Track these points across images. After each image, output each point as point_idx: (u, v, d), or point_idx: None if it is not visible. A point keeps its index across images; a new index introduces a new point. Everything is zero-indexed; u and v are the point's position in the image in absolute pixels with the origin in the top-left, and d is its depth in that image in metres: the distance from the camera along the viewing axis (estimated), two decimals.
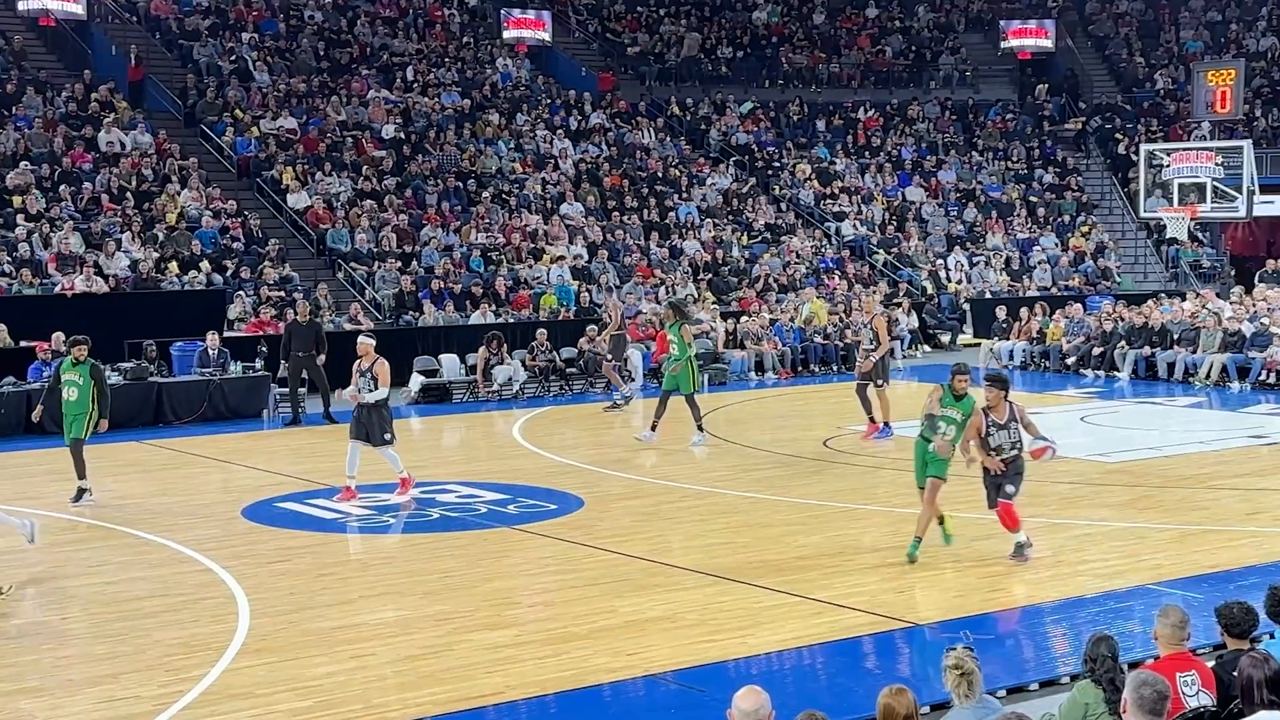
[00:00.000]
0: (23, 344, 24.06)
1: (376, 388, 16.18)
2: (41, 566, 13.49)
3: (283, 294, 28.29)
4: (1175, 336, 27.59)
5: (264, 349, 24.47)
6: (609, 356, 25.19)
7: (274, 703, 9.43)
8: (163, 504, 16.55)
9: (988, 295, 35.27)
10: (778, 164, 39.79)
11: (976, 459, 12.98)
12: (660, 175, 37.35)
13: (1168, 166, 33.63)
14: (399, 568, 13.33)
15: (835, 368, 29.21)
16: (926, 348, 32.81)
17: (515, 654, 10.57)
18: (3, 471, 18.97)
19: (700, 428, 20.18)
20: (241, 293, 27.80)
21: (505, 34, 40.81)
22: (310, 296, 28.38)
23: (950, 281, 35.91)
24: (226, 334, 25.38)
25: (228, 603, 11.96)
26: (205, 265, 28.45)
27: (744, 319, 30.01)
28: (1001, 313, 31.54)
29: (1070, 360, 28.79)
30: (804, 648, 10.78)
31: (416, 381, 25.76)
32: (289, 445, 21.03)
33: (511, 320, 28.95)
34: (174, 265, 28.12)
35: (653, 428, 20.11)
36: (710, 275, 33.33)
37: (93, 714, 9.26)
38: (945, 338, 33.85)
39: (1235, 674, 7.23)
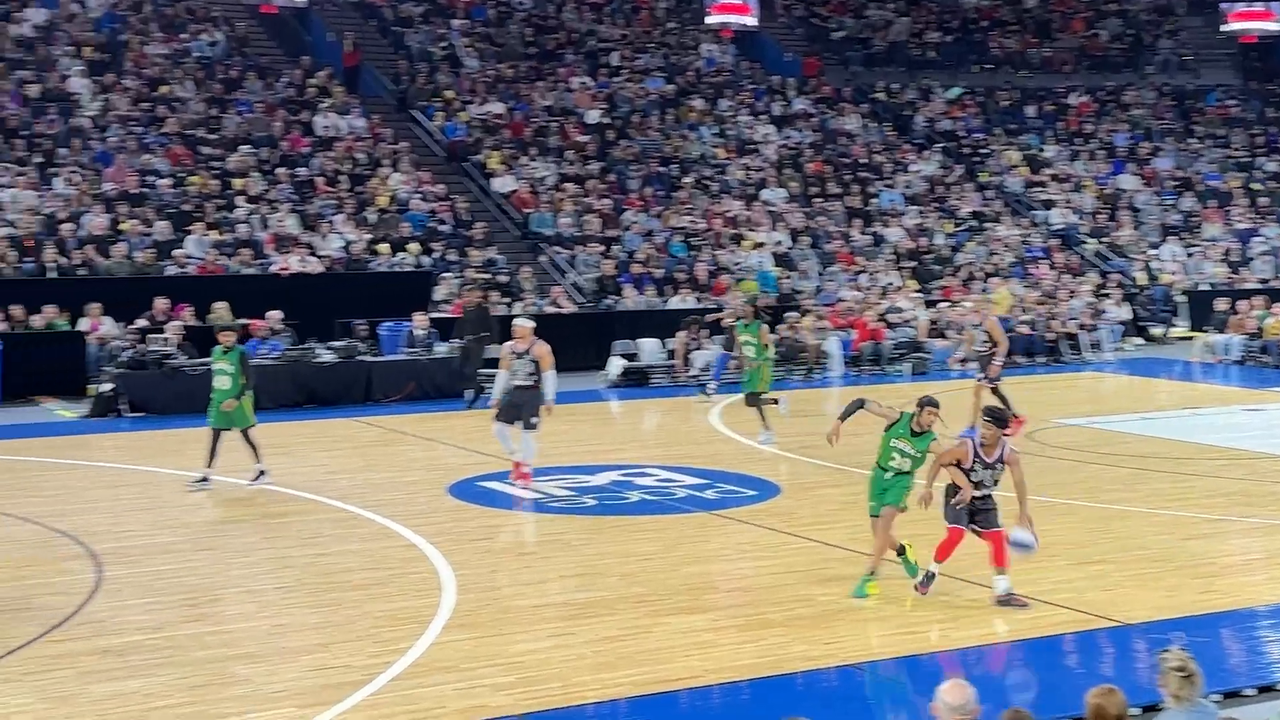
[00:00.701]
0: (240, 321, 24.91)
1: (538, 371, 16.05)
2: (258, 537, 14.00)
3: (488, 276, 28.80)
4: None
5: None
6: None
7: (478, 677, 9.62)
8: (371, 480, 16.98)
9: (1204, 287, 34.08)
10: (984, 150, 39.04)
11: (930, 496, 11.53)
12: (864, 161, 36.97)
13: None
14: (598, 549, 13.46)
15: (1040, 359, 28.59)
16: (1139, 340, 31.85)
17: (712, 639, 10.61)
18: (227, 444, 19.64)
19: (767, 426, 19.39)
20: (448, 274, 28.38)
21: (710, 19, 40.77)
22: (513, 280, 28.87)
23: (1164, 272, 34.79)
24: (433, 315, 25.93)
25: (433, 578, 12.23)
26: (414, 247, 29.12)
27: (942, 306, 29.58)
28: (1218, 305, 30.44)
29: None
30: (1007, 643, 10.59)
31: (616, 365, 25.97)
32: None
33: (712, 306, 28.97)
34: (384, 247, 28.84)
35: (765, 427, 19.39)
36: (913, 263, 32.89)
37: (305, 681, 9.56)
38: (1158, 331, 32.83)
39: None
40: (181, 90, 32.01)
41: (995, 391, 20.21)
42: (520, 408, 16.09)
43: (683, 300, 28.88)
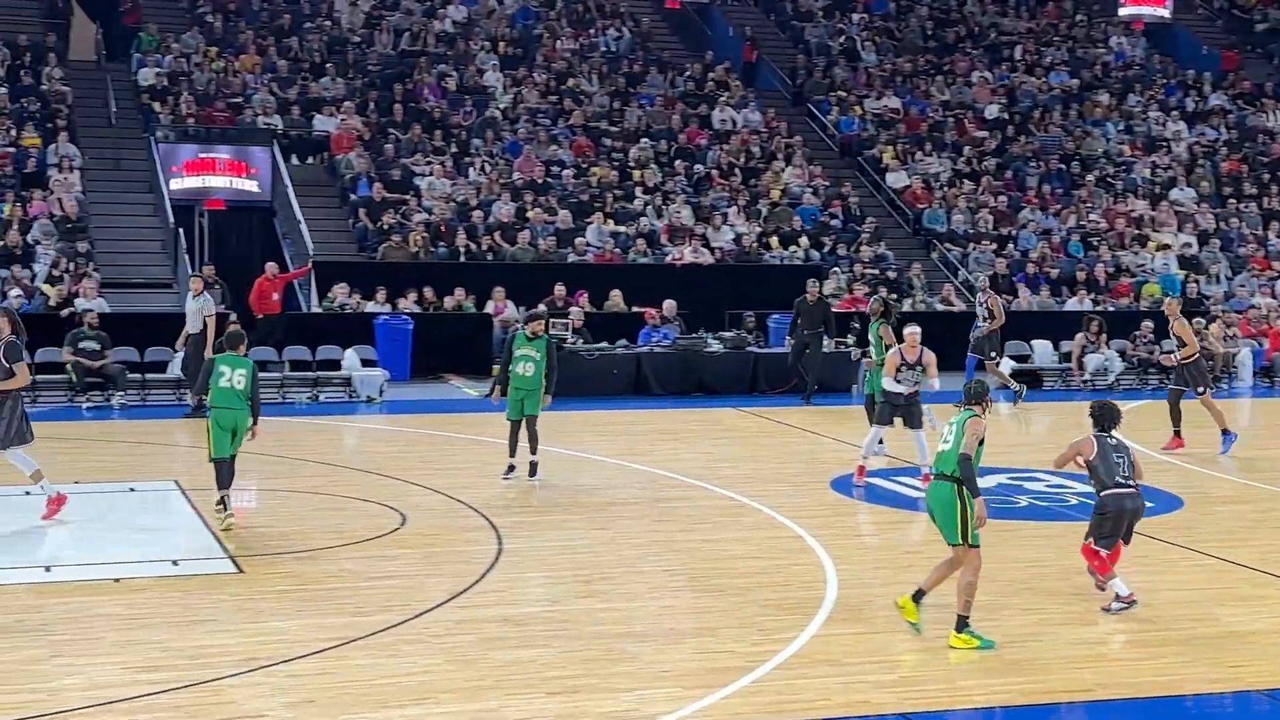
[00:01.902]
0: (634, 309, 25.64)
1: (925, 377, 15.81)
2: (648, 520, 14.34)
3: (876, 272, 28.65)
4: None
5: (856, 325, 24.87)
6: (993, 354, 23.49)
7: (860, 673, 9.58)
8: (755, 469, 17.19)
9: None
10: None
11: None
12: None
13: None
14: (986, 552, 13.04)
15: None
16: None
17: (1106, 652, 10.25)
18: (612, 429, 20.30)
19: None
20: (837, 269, 28.36)
21: (1121, 11, 39.18)
22: (903, 276, 28.59)
23: None
24: None
25: (817, 570, 12.25)
26: (804, 241, 29.25)
27: None
28: None
29: None
30: None
31: (1007, 366, 25.34)
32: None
33: (1110, 309, 27.94)
34: (775, 240, 29.08)
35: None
36: None
37: (691, 663, 9.74)
38: None
39: None
40: (587, 84, 33.14)
41: (1175, 402, 18.80)
42: (904, 413, 15.93)
43: (1079, 302, 27.97)
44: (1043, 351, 26.06)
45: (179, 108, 28.92)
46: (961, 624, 10.16)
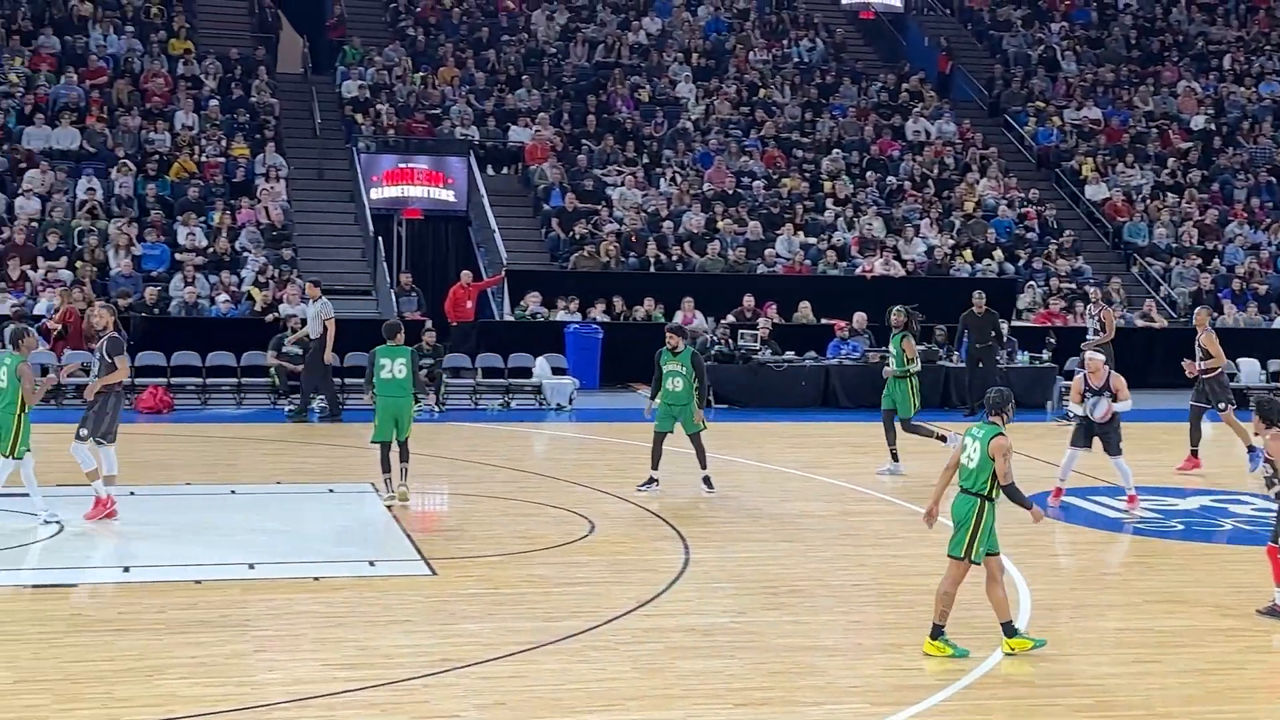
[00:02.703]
0: (823, 321, 25.48)
1: (1116, 402, 15.39)
2: (836, 533, 14.26)
3: (1073, 286, 28.02)
4: None
5: (1052, 340, 24.36)
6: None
7: (1054, 696, 9.37)
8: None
9: None
10: None
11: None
12: None
13: None
14: (1188, 576, 12.79)
15: None
16: None
17: None
18: (803, 440, 20.23)
19: (895, 456, 17.15)
20: (1032, 283, 27.82)
21: None
22: (1102, 291, 27.88)
23: None
24: (1014, 323, 25.47)
25: (1009, 589, 11.92)
26: (998, 254, 28.74)
27: None
28: None
29: None
30: None
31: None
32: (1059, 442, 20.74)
33: None
34: (968, 253, 28.64)
35: (893, 458, 17.24)
36: None
37: (879, 680, 9.63)
38: None
39: None
40: (779, 95, 33.07)
41: (1196, 420, 18.17)
42: (1103, 435, 15.56)
43: None
44: (1250, 370, 25.19)
45: (380, 119, 29.65)
46: (937, 631, 10.12)
